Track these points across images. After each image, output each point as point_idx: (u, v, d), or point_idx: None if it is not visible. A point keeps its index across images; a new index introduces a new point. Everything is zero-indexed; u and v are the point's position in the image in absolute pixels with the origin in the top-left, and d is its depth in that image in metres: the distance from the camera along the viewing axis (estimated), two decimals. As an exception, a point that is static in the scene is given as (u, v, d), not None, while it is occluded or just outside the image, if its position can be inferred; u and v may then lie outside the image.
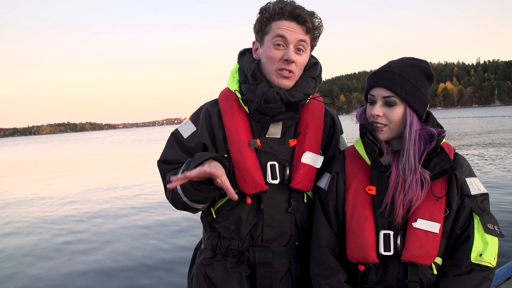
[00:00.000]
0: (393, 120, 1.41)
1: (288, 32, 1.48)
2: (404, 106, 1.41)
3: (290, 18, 1.49)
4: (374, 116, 1.42)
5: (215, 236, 1.63)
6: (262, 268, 1.54)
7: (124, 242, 6.30)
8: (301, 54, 1.52)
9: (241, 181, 1.53)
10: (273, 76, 1.53)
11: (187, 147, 1.62)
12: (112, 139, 69.33)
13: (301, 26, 1.49)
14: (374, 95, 1.44)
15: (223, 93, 1.68)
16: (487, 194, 1.46)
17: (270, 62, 1.52)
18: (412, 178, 1.38)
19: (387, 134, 1.44)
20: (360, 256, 1.43)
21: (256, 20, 1.56)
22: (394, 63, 1.47)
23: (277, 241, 1.58)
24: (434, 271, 1.42)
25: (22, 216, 8.82)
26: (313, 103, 1.66)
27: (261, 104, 1.50)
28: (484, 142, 17.83)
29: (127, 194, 10.66)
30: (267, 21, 1.51)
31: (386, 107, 1.42)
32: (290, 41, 1.49)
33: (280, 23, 1.49)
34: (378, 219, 1.45)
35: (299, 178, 1.54)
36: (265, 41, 1.53)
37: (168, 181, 1.48)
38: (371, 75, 1.48)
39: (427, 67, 1.46)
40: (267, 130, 1.58)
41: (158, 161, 1.67)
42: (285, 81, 1.52)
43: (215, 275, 1.60)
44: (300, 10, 1.48)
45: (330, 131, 1.70)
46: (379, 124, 1.43)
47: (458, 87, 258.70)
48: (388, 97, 1.41)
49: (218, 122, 1.61)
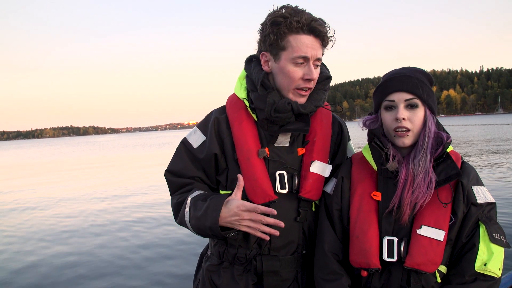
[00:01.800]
0: (416, 123, 1.42)
1: (309, 50, 1.45)
2: (425, 108, 1.44)
3: (308, 32, 1.45)
4: (399, 120, 1.42)
5: (222, 243, 1.63)
6: (269, 277, 1.54)
7: (126, 247, 6.30)
8: (317, 69, 1.52)
9: (250, 190, 1.52)
10: (290, 93, 1.51)
11: (197, 158, 1.61)
12: (121, 143, 69.14)
13: (318, 40, 1.47)
14: (394, 100, 1.44)
15: (230, 100, 1.67)
16: (494, 204, 1.46)
17: (290, 81, 1.49)
18: (422, 177, 1.39)
19: (412, 139, 1.44)
20: (362, 261, 1.43)
21: (265, 30, 1.49)
22: (403, 69, 1.49)
23: (284, 250, 1.57)
24: (437, 279, 1.42)
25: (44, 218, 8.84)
26: (321, 112, 1.66)
27: (271, 113, 1.49)
28: (490, 150, 17.75)
29: (134, 200, 10.64)
30: (283, 34, 1.45)
31: (409, 110, 1.43)
32: (310, 58, 1.47)
33: (298, 38, 1.44)
34: (383, 224, 1.45)
35: (308, 188, 1.54)
36: (282, 57, 1.48)
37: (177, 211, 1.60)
38: (385, 83, 1.48)
39: (427, 72, 1.51)
40: (275, 139, 1.57)
41: (166, 171, 1.66)
42: (302, 99, 1.53)
43: (221, 281, 1.60)
44: (317, 23, 1.45)
45: (338, 138, 1.69)
46: (404, 129, 1.43)
47: (461, 94, 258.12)
48: (410, 100, 1.42)
49: (227, 129, 1.61)
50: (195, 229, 1.52)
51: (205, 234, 1.52)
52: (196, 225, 1.50)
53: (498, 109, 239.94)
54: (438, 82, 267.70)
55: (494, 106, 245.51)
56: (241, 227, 1.44)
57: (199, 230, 1.51)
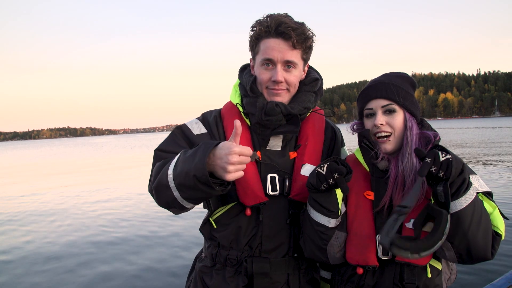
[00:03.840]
0: (396, 126, 1.45)
1: (274, 53, 1.49)
2: (403, 112, 1.47)
3: (275, 35, 1.49)
4: (378, 126, 1.46)
5: (215, 245, 1.64)
6: (260, 279, 1.55)
7: (122, 250, 6.28)
8: (291, 71, 1.53)
9: (241, 192, 1.53)
10: (265, 94, 1.56)
11: (196, 143, 1.58)
12: (119, 144, 69.16)
13: (287, 42, 1.49)
14: (372, 108, 1.49)
15: (226, 106, 1.71)
16: (490, 193, 1.47)
17: (261, 83, 1.56)
18: (412, 177, 1.41)
19: (393, 144, 1.47)
20: (360, 258, 1.45)
21: (248, 37, 1.58)
22: (381, 77, 1.54)
23: (275, 252, 1.59)
24: (428, 274, 1.43)
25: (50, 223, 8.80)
26: (313, 116, 1.69)
27: (262, 117, 1.52)
28: (485, 152, 17.83)
29: (130, 203, 10.62)
30: (256, 40, 1.54)
31: (387, 116, 1.47)
32: (277, 61, 1.50)
33: (267, 42, 1.51)
34: (377, 222, 1.47)
35: (299, 190, 1.55)
36: (256, 60, 1.57)
37: (159, 170, 1.43)
38: (363, 92, 1.53)
39: (409, 76, 1.54)
40: (267, 142, 1.60)
41: (156, 150, 1.61)
42: (276, 98, 1.54)
43: (212, 283, 1.61)
44: (285, 26, 1.47)
45: (331, 143, 1.72)
46: (383, 134, 1.46)
47: (459, 97, 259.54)
48: (387, 105, 1.46)
49: (222, 133, 1.64)
50: (177, 178, 1.33)
51: (186, 181, 1.30)
52: (181, 169, 1.32)
53: (495, 112, 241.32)
54: (436, 85, 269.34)
55: (491, 109, 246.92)
56: (228, 167, 1.24)
57: (181, 178, 1.32)
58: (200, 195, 1.34)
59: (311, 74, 1.65)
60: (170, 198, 1.40)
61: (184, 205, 1.42)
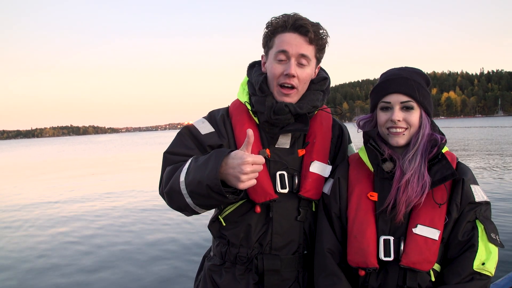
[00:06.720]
0: (413, 124, 1.46)
1: (289, 46, 1.50)
2: (420, 110, 1.47)
3: (292, 30, 1.51)
4: (394, 122, 1.45)
5: (224, 243, 1.65)
6: (270, 276, 1.56)
7: (129, 249, 6.32)
8: (303, 68, 1.54)
9: (250, 190, 1.53)
10: (275, 92, 1.57)
11: (203, 143, 1.58)
12: (124, 142, 69.02)
13: (304, 37, 1.51)
14: (389, 102, 1.47)
15: (234, 104, 1.72)
16: (489, 203, 1.49)
17: (272, 77, 1.55)
18: (415, 176, 1.41)
19: (407, 138, 1.47)
20: (360, 260, 1.45)
21: (263, 34, 1.60)
22: (401, 70, 1.51)
23: (285, 249, 1.59)
24: (432, 277, 1.43)
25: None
26: (321, 114, 1.70)
27: (271, 116, 1.54)
28: (488, 151, 17.76)
29: (136, 200, 10.64)
30: (271, 34, 1.55)
31: (404, 112, 1.46)
32: (291, 55, 1.51)
33: (282, 36, 1.52)
34: (379, 224, 1.47)
35: (308, 187, 1.57)
36: (269, 55, 1.57)
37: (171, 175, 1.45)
38: (382, 84, 1.51)
39: (424, 73, 1.53)
40: (276, 140, 1.61)
41: (165, 153, 1.60)
42: (285, 98, 1.55)
43: (222, 280, 1.61)
44: (303, 21, 1.50)
45: (338, 141, 1.73)
46: (399, 129, 1.46)
47: (462, 96, 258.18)
48: (406, 102, 1.45)
49: (231, 131, 1.64)
50: (189, 186, 1.36)
51: (199, 190, 1.33)
52: (193, 178, 1.35)
53: (498, 111, 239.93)
54: (439, 84, 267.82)
55: (494, 108, 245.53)
56: (242, 177, 1.27)
57: (193, 186, 1.35)
58: (213, 202, 1.38)
59: (320, 73, 1.68)
60: (182, 203, 1.44)
61: (196, 210, 1.46)
